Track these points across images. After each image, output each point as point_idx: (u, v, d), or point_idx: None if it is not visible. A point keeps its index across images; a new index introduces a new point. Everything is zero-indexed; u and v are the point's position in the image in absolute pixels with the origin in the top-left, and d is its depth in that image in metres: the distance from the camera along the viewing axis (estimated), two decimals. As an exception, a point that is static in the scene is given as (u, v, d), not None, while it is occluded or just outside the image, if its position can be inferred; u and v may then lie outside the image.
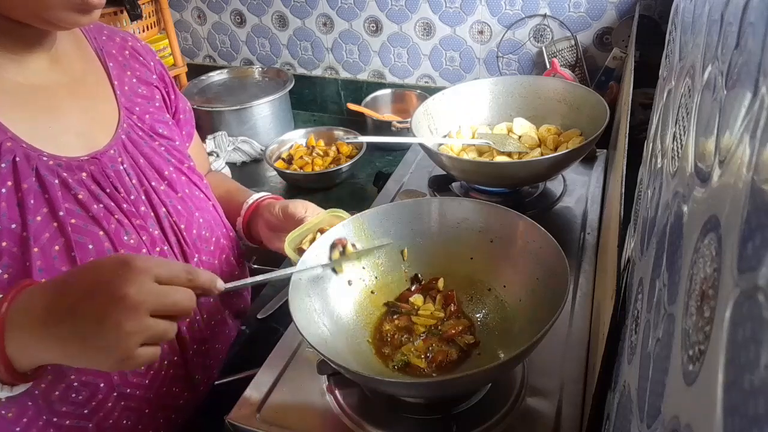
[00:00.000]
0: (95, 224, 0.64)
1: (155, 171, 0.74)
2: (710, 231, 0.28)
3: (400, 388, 0.65)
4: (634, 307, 0.52)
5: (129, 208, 0.68)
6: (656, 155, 0.64)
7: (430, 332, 0.74)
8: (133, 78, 0.78)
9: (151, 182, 0.72)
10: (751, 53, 0.28)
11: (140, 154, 0.73)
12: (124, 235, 0.67)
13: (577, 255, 0.91)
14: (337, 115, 1.72)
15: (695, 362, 0.26)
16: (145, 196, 0.71)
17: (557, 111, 1.11)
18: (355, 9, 1.53)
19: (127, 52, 0.79)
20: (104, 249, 0.64)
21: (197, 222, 0.77)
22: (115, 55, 0.77)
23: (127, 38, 0.81)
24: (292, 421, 0.68)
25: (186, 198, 0.77)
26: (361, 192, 1.33)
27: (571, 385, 0.70)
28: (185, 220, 0.75)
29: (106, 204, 0.66)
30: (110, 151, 0.69)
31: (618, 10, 1.30)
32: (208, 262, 0.79)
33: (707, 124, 0.36)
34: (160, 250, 0.71)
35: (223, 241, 0.83)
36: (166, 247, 0.72)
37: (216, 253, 0.81)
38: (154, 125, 0.77)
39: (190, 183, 0.79)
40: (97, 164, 0.67)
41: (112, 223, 0.66)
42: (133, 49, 0.80)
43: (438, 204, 0.82)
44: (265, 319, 0.93)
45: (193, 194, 0.78)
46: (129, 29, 1.50)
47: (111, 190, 0.67)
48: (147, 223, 0.70)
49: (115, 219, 0.66)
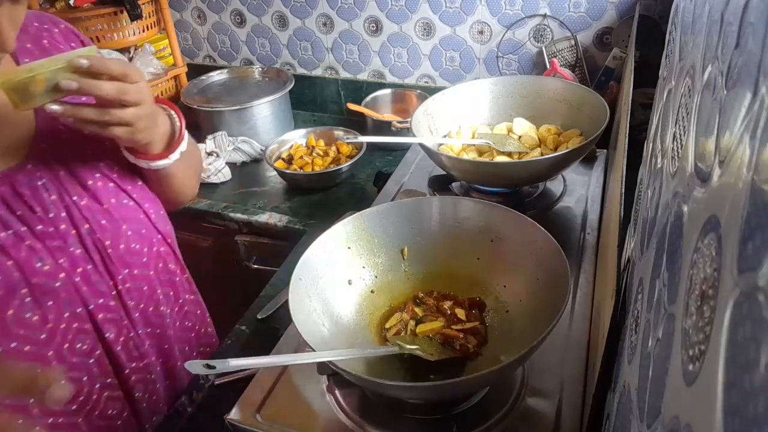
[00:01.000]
0: (3, 254, 0.61)
1: (78, 183, 0.69)
2: (710, 231, 0.28)
3: (401, 390, 0.65)
4: (634, 307, 0.52)
5: (45, 229, 0.64)
6: (656, 155, 0.64)
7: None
8: None
9: (72, 197, 0.67)
10: (751, 53, 0.28)
11: (61, 164, 0.68)
12: (37, 262, 0.63)
13: (577, 255, 0.91)
14: (337, 115, 1.72)
15: (695, 362, 0.26)
16: (65, 213, 0.67)
17: (557, 111, 1.11)
18: (355, 9, 1.53)
19: (46, 41, 0.72)
20: (13, 281, 0.61)
21: (125, 235, 0.72)
22: (30, 49, 0.70)
23: (44, 24, 0.74)
24: (292, 421, 0.68)
25: (112, 210, 0.71)
26: (361, 192, 1.33)
27: (571, 385, 0.70)
28: (111, 235, 0.70)
29: (17, 230, 0.62)
30: (27, 165, 0.65)
31: (618, 10, 1.30)
32: (140, 275, 0.75)
33: (707, 124, 0.36)
34: (83, 270, 0.67)
35: (160, 248, 0.79)
36: (90, 266, 0.68)
37: (150, 263, 0.76)
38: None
39: (119, 191, 0.73)
40: (9, 183, 0.63)
41: (22, 250, 0.62)
42: (51, 38, 0.73)
43: (438, 203, 0.82)
44: (265, 319, 0.93)
45: (120, 204, 0.73)
46: (129, 29, 1.50)
47: (23, 211, 0.64)
48: (68, 243, 0.66)
49: (26, 246, 0.62)
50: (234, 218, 1.29)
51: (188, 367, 0.54)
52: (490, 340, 0.73)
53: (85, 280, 0.67)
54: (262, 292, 1.00)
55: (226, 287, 1.38)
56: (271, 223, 1.25)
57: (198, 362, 0.53)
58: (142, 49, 1.61)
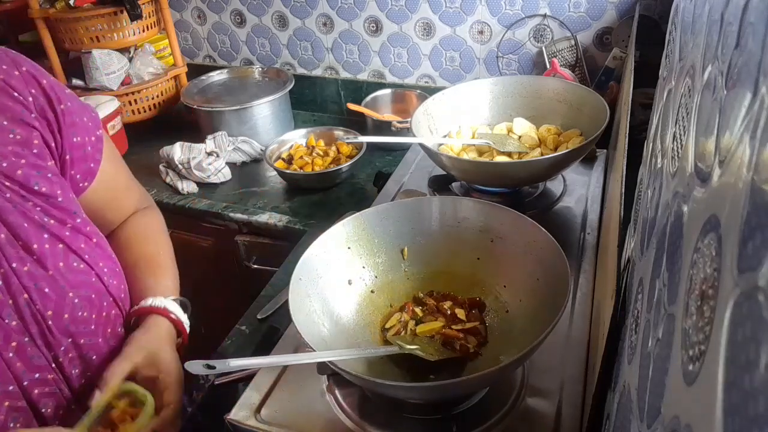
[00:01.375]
0: None
1: (21, 246, 0.62)
2: (710, 231, 0.28)
3: (401, 390, 0.65)
4: (634, 307, 0.52)
5: None
6: (656, 155, 0.64)
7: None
8: (4, 120, 0.63)
9: (11, 263, 0.61)
10: (751, 53, 0.28)
11: (3, 225, 0.61)
12: None
13: (577, 255, 0.91)
14: (337, 115, 1.72)
15: (695, 362, 0.26)
16: (2, 282, 0.60)
17: (557, 111, 1.11)
18: (355, 9, 1.53)
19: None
20: None
21: (70, 304, 0.65)
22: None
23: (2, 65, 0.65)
24: (292, 421, 0.68)
25: (58, 276, 0.64)
26: (361, 192, 1.33)
27: (571, 385, 0.70)
28: (53, 304, 0.63)
29: None
30: None
31: (618, 10, 1.30)
32: (87, 344, 0.67)
33: (707, 124, 0.36)
34: (17, 344, 0.61)
35: (111, 312, 0.71)
36: (26, 338, 0.62)
37: (99, 330, 0.69)
38: (30, 181, 0.64)
39: (69, 252, 0.66)
40: None
41: None
42: (4, 81, 0.64)
43: (438, 203, 0.82)
44: (265, 319, 0.93)
45: (69, 267, 0.66)
46: (129, 29, 1.50)
47: None
48: (3, 313, 0.60)
49: None
50: (234, 218, 1.29)
51: (188, 367, 0.53)
52: (490, 340, 0.73)
53: (19, 356, 0.61)
54: (262, 292, 1.00)
55: (226, 287, 1.38)
56: (271, 223, 1.25)
57: (198, 362, 0.53)
58: (142, 49, 1.62)
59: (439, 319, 0.75)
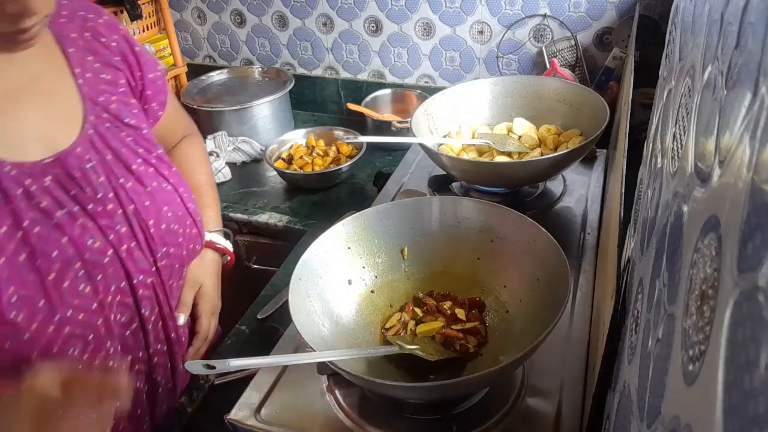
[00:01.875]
0: (59, 231, 0.64)
1: (123, 166, 0.72)
2: (710, 231, 0.28)
3: (401, 390, 0.65)
4: (634, 307, 0.52)
5: (95, 208, 0.67)
6: (656, 155, 0.64)
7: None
8: (96, 63, 0.74)
9: (119, 179, 0.71)
10: (751, 53, 0.28)
11: (108, 148, 0.71)
12: (89, 239, 0.66)
13: (577, 255, 0.91)
14: (337, 115, 1.72)
15: (695, 362, 0.26)
16: (113, 194, 0.70)
17: (557, 111, 1.11)
18: (355, 9, 1.53)
19: (88, 33, 0.75)
20: (68, 256, 0.64)
21: (165, 217, 0.76)
22: (75, 39, 0.73)
23: (88, 16, 0.76)
24: (292, 421, 0.68)
25: (154, 192, 0.75)
26: (361, 192, 1.33)
27: (571, 385, 0.70)
28: (154, 215, 0.74)
29: (70, 209, 0.65)
30: (77, 149, 0.68)
31: (618, 10, 1.30)
32: (175, 254, 0.78)
33: (707, 124, 0.36)
34: (127, 248, 0.70)
35: (192, 230, 0.82)
36: (134, 243, 0.71)
37: (184, 244, 0.80)
38: (121, 113, 0.74)
39: (158, 175, 0.76)
40: (61, 166, 0.66)
41: (75, 228, 0.65)
42: (94, 29, 0.76)
43: (438, 203, 0.82)
44: (265, 319, 0.93)
45: (160, 187, 0.76)
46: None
47: (76, 191, 0.66)
48: (113, 221, 0.69)
49: (79, 224, 0.66)
50: (234, 218, 1.29)
51: (188, 367, 0.54)
52: (490, 340, 0.73)
53: (129, 257, 0.70)
54: (262, 292, 1.01)
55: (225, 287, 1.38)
56: (271, 223, 1.25)
57: (198, 362, 0.53)
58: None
59: (439, 319, 0.75)
